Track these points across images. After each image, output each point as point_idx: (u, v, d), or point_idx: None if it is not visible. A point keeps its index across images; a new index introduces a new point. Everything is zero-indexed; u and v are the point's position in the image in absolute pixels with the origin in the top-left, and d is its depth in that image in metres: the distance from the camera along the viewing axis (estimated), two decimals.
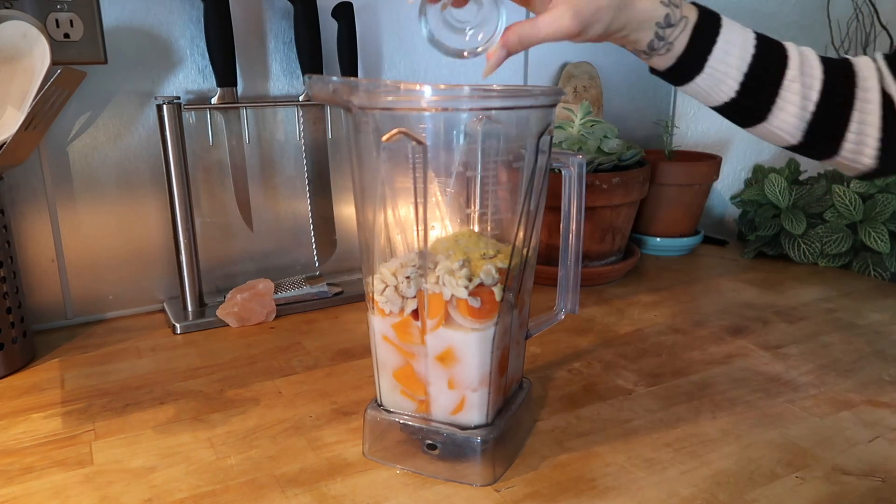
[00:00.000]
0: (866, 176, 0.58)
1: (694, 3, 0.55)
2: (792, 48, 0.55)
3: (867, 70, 0.55)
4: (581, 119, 0.97)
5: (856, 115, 0.54)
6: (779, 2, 1.27)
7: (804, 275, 1.02)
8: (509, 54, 0.52)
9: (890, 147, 0.54)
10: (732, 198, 1.27)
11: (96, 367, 0.73)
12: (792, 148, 0.57)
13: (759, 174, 1.20)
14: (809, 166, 1.28)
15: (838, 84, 0.54)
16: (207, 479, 0.53)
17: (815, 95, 0.54)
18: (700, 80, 0.55)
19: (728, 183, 1.33)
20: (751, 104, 0.55)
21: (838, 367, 0.72)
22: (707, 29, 0.54)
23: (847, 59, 0.56)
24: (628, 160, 0.97)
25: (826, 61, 0.55)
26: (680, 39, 0.54)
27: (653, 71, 0.58)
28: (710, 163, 1.10)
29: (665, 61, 0.55)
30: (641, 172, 0.96)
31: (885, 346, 0.77)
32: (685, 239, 1.12)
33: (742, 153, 1.34)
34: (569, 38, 0.51)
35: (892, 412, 0.63)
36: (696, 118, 1.27)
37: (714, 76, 0.54)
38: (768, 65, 0.54)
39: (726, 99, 0.55)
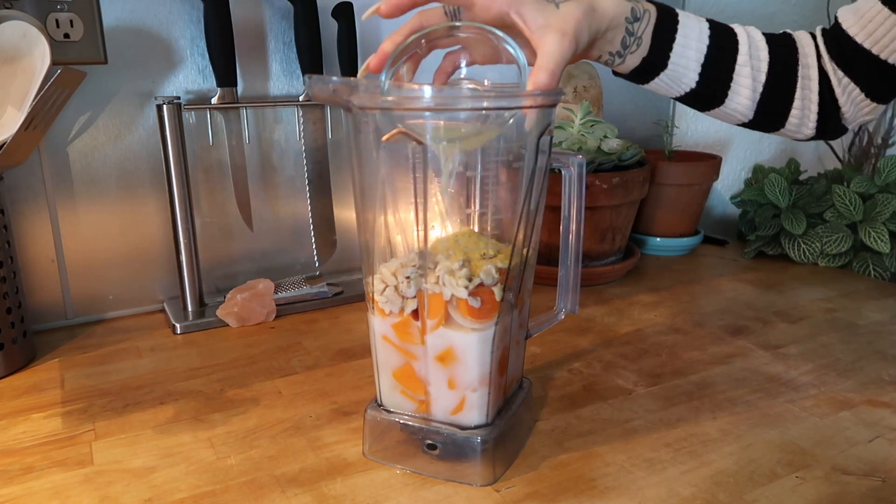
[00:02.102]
0: (802, 140, 0.63)
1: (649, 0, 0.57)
2: (739, 31, 0.58)
3: (808, 47, 0.59)
4: (581, 119, 0.97)
5: (799, 92, 0.58)
6: (779, 2, 1.27)
7: (804, 275, 1.02)
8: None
9: (826, 118, 0.59)
10: (732, 198, 1.28)
11: (96, 367, 0.73)
12: (743, 125, 0.61)
13: (759, 174, 1.20)
14: (810, 166, 1.28)
15: (783, 63, 0.58)
16: (207, 479, 0.53)
17: (762, 76, 0.58)
18: (664, 76, 0.58)
19: (728, 183, 1.33)
20: (709, 91, 0.59)
21: (838, 367, 0.72)
22: (667, 21, 0.56)
23: (789, 35, 0.60)
24: (628, 160, 0.97)
25: (770, 40, 0.59)
26: (646, 33, 0.56)
27: (617, 73, 0.60)
28: (710, 163, 1.10)
29: (633, 60, 0.57)
30: (641, 172, 0.96)
31: (885, 346, 0.77)
32: (685, 239, 1.12)
33: (742, 153, 1.34)
34: (568, 59, 0.51)
35: (892, 412, 0.63)
36: (696, 118, 1.27)
37: (676, 70, 0.57)
38: (722, 52, 0.57)
39: (687, 90, 0.59)
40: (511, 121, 0.48)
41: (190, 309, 0.84)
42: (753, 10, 1.25)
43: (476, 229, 0.52)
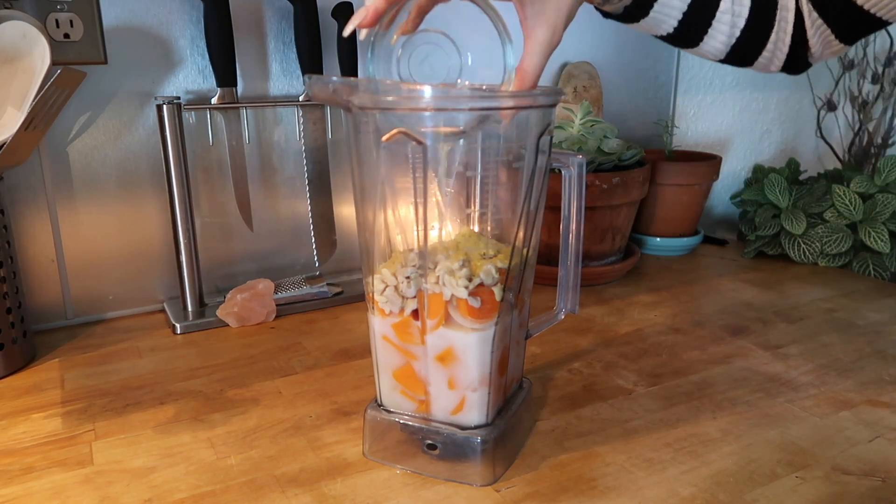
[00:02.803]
0: (762, 72, 0.65)
1: None
2: None
3: None
4: (581, 119, 0.98)
5: (773, 35, 0.61)
6: None
7: (804, 275, 1.02)
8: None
9: (795, 55, 0.62)
10: (732, 198, 1.28)
11: (96, 367, 0.73)
12: (713, 60, 0.64)
13: (759, 174, 1.20)
14: (810, 166, 1.28)
15: (763, 11, 0.60)
16: (207, 479, 0.53)
17: (741, 23, 0.60)
18: (644, 22, 0.61)
19: (728, 183, 1.33)
20: (686, 35, 0.61)
21: (838, 367, 0.72)
22: None
23: None
24: (628, 160, 0.97)
25: None
26: None
27: (604, 14, 0.62)
28: (710, 163, 1.10)
29: (618, 7, 0.59)
30: (641, 172, 0.96)
31: (885, 346, 0.77)
32: (685, 239, 1.12)
33: (742, 153, 1.34)
34: (555, 47, 0.52)
35: (892, 412, 0.63)
36: (696, 118, 1.27)
37: (657, 18, 0.60)
38: (704, 1, 0.60)
39: (664, 34, 0.62)
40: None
41: (190, 309, 0.84)
42: None
43: (476, 229, 0.52)
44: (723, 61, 0.64)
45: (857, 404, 0.64)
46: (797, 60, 0.63)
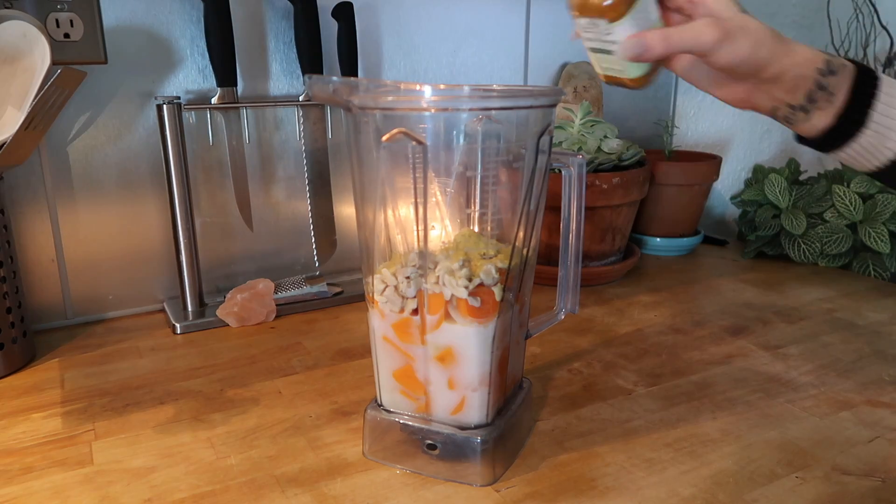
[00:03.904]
0: None
1: (847, 58, 0.49)
2: None
3: None
4: (581, 119, 0.98)
5: None
6: (779, 2, 1.27)
7: (804, 275, 1.02)
8: (646, 55, 0.47)
9: None
10: (732, 198, 1.27)
11: (96, 367, 0.73)
12: None
13: (759, 174, 1.20)
14: (810, 166, 1.28)
15: None
16: (207, 479, 0.53)
17: None
18: (863, 139, 0.48)
19: (728, 183, 1.33)
20: None
21: (838, 367, 0.72)
22: (867, 78, 0.48)
23: None
24: (628, 160, 0.97)
25: None
26: (841, 90, 0.48)
27: (800, 140, 0.52)
28: (710, 163, 1.10)
29: (823, 119, 0.49)
30: (641, 172, 0.96)
31: (885, 346, 0.77)
32: (685, 239, 1.12)
33: (742, 153, 1.34)
34: (711, 52, 0.46)
35: (892, 412, 0.63)
36: (696, 118, 1.27)
37: (879, 131, 0.48)
38: None
39: (892, 156, 0.48)
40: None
41: (190, 309, 0.84)
42: (753, 10, 1.24)
43: (476, 229, 0.52)
44: None
45: (857, 404, 0.64)
46: None
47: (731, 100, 0.51)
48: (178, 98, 0.80)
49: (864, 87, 0.48)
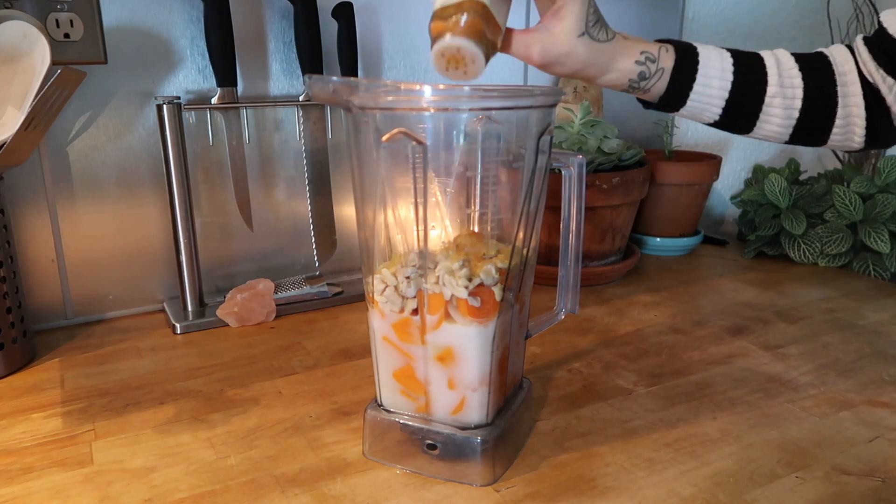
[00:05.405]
0: (856, 152, 0.61)
1: (672, 43, 0.57)
2: (770, 61, 0.57)
3: (845, 63, 0.57)
4: (581, 119, 0.97)
5: (840, 111, 0.57)
6: (779, 2, 1.27)
7: (804, 275, 1.02)
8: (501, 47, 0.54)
9: (876, 127, 0.57)
10: (732, 198, 1.28)
11: (96, 367, 0.73)
12: (778, 143, 0.61)
13: (759, 174, 1.20)
14: (810, 166, 1.28)
15: (819, 87, 0.57)
16: (207, 479, 0.53)
17: (797, 104, 0.57)
18: (684, 111, 0.58)
19: (728, 183, 1.33)
20: (735, 122, 0.59)
21: (838, 367, 0.72)
22: (684, 70, 0.57)
23: (821, 54, 0.58)
24: (628, 160, 0.97)
25: (803, 64, 0.57)
26: (657, 86, 0.57)
27: (644, 104, 0.62)
28: (710, 163, 1.10)
29: (648, 98, 0.59)
30: (641, 172, 0.96)
31: (885, 346, 0.77)
32: (685, 239, 1.12)
33: (742, 153, 1.34)
34: (540, 68, 0.55)
35: (892, 412, 0.63)
36: None
37: (696, 107, 0.58)
38: (748, 87, 0.57)
39: (710, 121, 0.59)
40: None
41: (190, 309, 0.84)
42: (754, 10, 1.25)
43: (476, 229, 0.52)
44: (792, 141, 0.60)
45: (857, 404, 0.64)
46: (882, 130, 0.58)
47: (578, 77, 0.58)
48: (178, 98, 0.80)
49: (681, 80, 0.56)
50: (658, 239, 1.12)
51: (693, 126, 1.27)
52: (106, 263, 0.84)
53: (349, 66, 0.86)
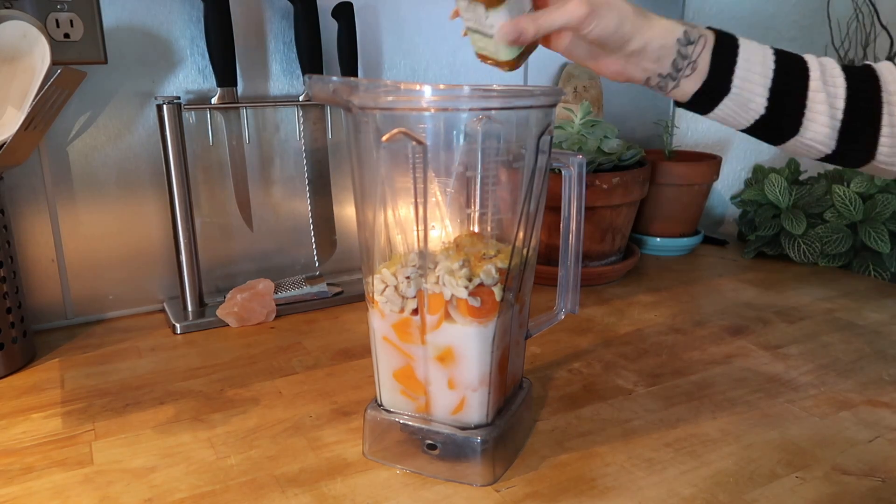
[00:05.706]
0: None
1: (707, 27, 0.54)
2: (811, 58, 0.55)
3: (889, 74, 0.54)
4: (581, 119, 0.97)
5: (886, 119, 0.53)
6: (779, 2, 1.27)
7: (804, 275, 1.02)
8: (521, 39, 0.51)
9: None
10: (732, 198, 1.27)
11: (96, 367, 0.73)
12: (827, 158, 0.56)
13: (759, 174, 1.20)
14: (810, 166, 1.28)
15: (862, 89, 0.54)
16: (207, 479, 0.53)
17: (840, 102, 0.53)
18: (728, 101, 0.54)
19: (728, 183, 1.33)
20: (781, 118, 0.55)
21: (838, 367, 0.72)
22: (726, 46, 0.53)
23: (868, 65, 0.55)
24: (628, 160, 0.97)
25: (846, 68, 0.55)
26: (703, 57, 0.53)
27: (678, 103, 0.58)
28: (710, 163, 1.10)
29: (691, 84, 0.54)
30: (641, 172, 0.96)
31: (885, 346, 0.77)
32: (685, 239, 1.12)
33: (742, 153, 1.34)
34: (580, 27, 0.50)
35: (892, 412, 0.63)
36: (696, 118, 1.27)
37: (741, 95, 0.54)
38: (791, 76, 0.54)
39: (756, 117, 0.55)
40: None
41: (190, 309, 0.84)
42: (754, 10, 1.25)
43: (476, 229, 0.52)
44: (837, 156, 0.55)
45: (857, 404, 0.64)
46: None
47: (608, 72, 0.56)
48: (178, 98, 0.80)
49: (724, 54, 0.53)
50: (658, 239, 1.12)
51: (693, 126, 1.27)
52: (106, 263, 0.84)
53: (349, 66, 0.86)
